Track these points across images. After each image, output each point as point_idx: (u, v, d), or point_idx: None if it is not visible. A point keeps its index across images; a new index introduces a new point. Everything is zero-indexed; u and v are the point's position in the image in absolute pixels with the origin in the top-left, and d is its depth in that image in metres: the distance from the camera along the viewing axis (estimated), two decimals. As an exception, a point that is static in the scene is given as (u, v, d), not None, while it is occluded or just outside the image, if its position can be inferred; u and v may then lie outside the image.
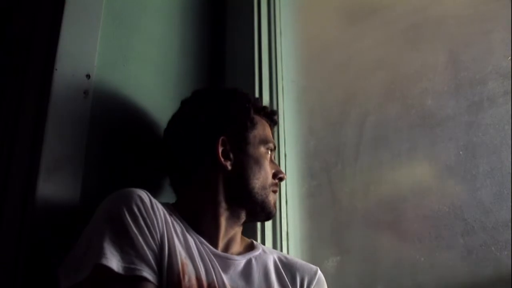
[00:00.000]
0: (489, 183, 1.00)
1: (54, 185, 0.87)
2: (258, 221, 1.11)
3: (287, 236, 1.20)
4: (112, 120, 1.03)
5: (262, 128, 0.99)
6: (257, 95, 1.27)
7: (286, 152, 1.29)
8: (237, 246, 0.95)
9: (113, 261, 0.73)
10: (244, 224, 0.97)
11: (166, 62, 1.22)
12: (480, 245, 0.98)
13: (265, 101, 1.28)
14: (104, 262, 0.72)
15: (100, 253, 0.73)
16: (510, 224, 0.94)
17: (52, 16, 0.98)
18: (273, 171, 0.97)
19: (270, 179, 0.96)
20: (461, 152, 1.06)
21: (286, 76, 1.37)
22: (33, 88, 0.94)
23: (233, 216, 0.93)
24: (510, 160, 0.98)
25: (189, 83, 1.24)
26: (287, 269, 0.95)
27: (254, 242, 1.00)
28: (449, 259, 1.01)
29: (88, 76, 0.98)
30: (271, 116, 1.04)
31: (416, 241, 1.07)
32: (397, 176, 1.15)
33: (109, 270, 0.72)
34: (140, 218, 0.78)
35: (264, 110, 1.04)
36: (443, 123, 1.10)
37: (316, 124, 1.33)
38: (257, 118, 0.99)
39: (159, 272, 0.77)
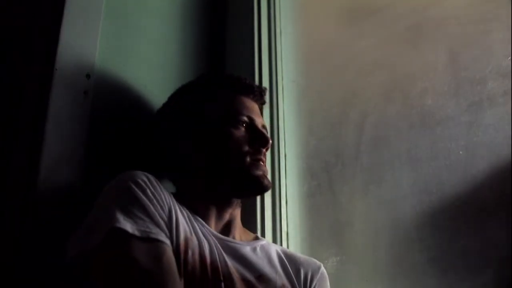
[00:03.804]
0: (489, 183, 1.00)
1: (54, 185, 0.87)
2: (250, 195, 1.04)
3: (287, 236, 1.20)
4: (112, 120, 1.03)
5: (225, 103, 0.96)
6: (257, 95, 1.26)
7: (286, 152, 1.29)
8: (239, 233, 0.95)
9: (128, 225, 0.72)
10: (240, 203, 0.96)
11: (166, 62, 1.22)
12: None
13: (265, 101, 1.27)
14: (119, 225, 0.71)
15: (113, 218, 0.72)
16: (510, 223, 0.94)
17: (52, 15, 0.98)
18: (249, 140, 0.93)
19: (244, 148, 0.92)
20: (461, 152, 1.06)
21: (286, 76, 1.37)
22: (33, 88, 0.94)
23: (220, 197, 0.93)
24: (510, 160, 0.98)
25: (189, 83, 1.23)
26: (291, 262, 0.96)
27: (258, 235, 1.02)
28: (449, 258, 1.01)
29: (88, 76, 0.98)
30: (242, 85, 0.99)
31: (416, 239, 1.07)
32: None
33: (124, 232, 0.71)
34: (148, 190, 0.79)
35: (238, 83, 0.99)
36: (443, 123, 1.10)
37: (316, 124, 1.33)
38: (221, 93, 0.97)
39: None
